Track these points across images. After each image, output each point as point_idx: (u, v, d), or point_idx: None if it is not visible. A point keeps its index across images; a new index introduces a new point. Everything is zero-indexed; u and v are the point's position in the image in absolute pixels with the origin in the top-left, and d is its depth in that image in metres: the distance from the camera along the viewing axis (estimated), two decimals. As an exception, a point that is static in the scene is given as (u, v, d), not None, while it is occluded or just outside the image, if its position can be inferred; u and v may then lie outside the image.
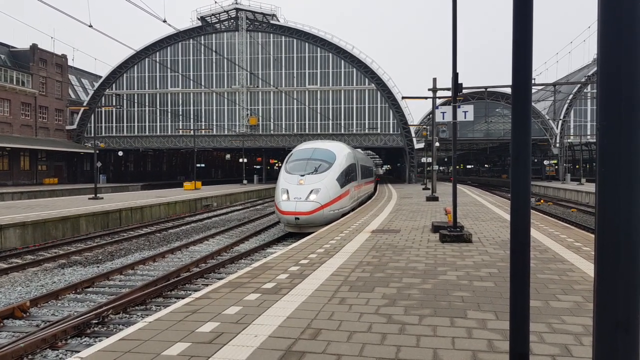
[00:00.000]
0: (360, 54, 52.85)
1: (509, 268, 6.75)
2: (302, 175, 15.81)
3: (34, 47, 50.67)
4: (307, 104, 53.53)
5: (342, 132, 52.45)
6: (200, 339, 4.16)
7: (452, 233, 9.65)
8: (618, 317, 1.49)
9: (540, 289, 5.78)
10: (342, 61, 53.32)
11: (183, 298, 5.73)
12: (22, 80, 48.59)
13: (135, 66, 55.44)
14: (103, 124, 55.59)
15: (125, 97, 54.94)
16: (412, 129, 52.04)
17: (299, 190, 15.20)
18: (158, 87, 55.36)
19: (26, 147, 45.57)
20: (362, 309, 5.04)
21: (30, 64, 49.95)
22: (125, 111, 55.30)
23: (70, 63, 56.21)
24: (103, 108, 52.92)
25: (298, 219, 14.65)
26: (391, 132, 53.18)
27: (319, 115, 53.22)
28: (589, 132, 56.35)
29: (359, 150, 35.93)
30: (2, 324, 7.41)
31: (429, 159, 37.49)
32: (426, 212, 16.74)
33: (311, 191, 15.05)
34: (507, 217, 14.71)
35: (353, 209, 18.90)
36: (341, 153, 17.68)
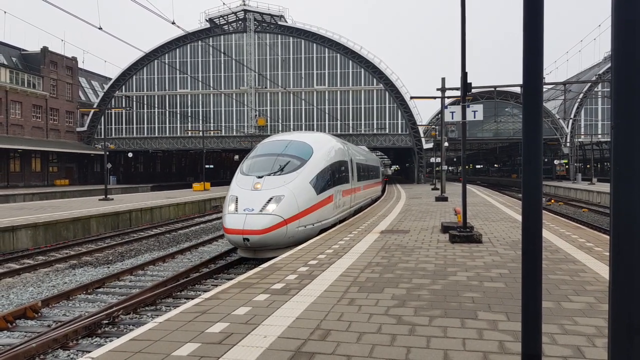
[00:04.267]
0: (369, 54, 52.82)
1: (519, 269, 6.67)
2: (259, 177, 11.30)
3: (44, 49, 51.17)
4: (315, 104, 53.57)
5: (351, 132, 52.40)
6: (210, 340, 4.17)
7: (462, 233, 9.59)
8: (633, 321, 1.47)
9: (551, 290, 5.73)
10: (350, 61, 53.29)
11: (193, 298, 5.75)
12: (33, 83, 49.09)
13: (145, 68, 55.82)
14: (113, 126, 56.02)
15: (134, 99, 55.32)
16: (421, 129, 51.88)
17: (252, 198, 10.76)
18: (167, 88, 55.70)
19: (37, 149, 46.03)
20: (372, 309, 5.02)
21: (41, 66, 50.45)
22: (134, 113, 55.69)
23: (80, 65, 56.71)
24: (113, 110, 53.39)
25: (248, 240, 10.11)
26: (400, 132, 53.05)
27: (327, 115, 53.23)
28: (599, 131, 55.81)
29: (363, 147, 31.25)
30: (14, 324, 7.48)
31: (438, 159, 37.35)
32: (435, 212, 16.66)
33: (270, 199, 10.61)
34: (518, 217, 14.60)
35: (343, 220, 14.81)
36: (323, 147, 13.16)
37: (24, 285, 10.26)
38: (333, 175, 13.11)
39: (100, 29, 15.14)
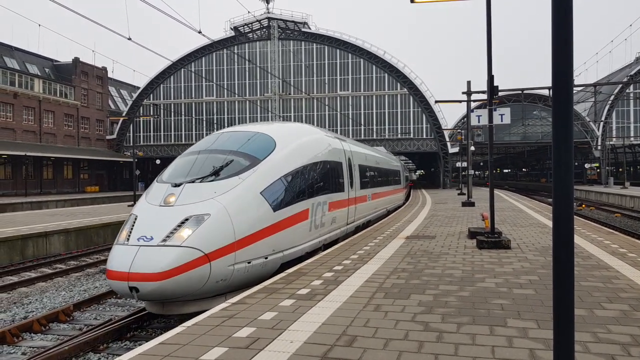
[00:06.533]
0: (392, 59, 52.65)
1: (550, 275, 6.54)
2: (176, 186, 7.51)
3: (76, 60, 52.73)
4: (339, 110, 53.64)
5: (375, 137, 52.24)
6: (237, 344, 4.20)
7: (490, 239, 9.43)
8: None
9: (584, 297, 5.58)
10: (374, 66, 53.22)
11: (220, 303, 5.80)
12: (65, 93, 50.60)
13: (172, 76, 56.92)
14: (141, 133, 57.23)
15: (162, 107, 56.43)
16: (446, 133, 51.35)
17: (157, 219, 6.99)
18: (193, 96, 56.64)
19: (69, 157, 47.35)
20: (398, 316, 4.98)
21: (72, 76, 51.98)
22: (162, 120, 56.78)
23: (110, 75, 58.21)
24: (141, 118, 54.56)
25: (137, 290, 6.24)
26: (424, 136, 52.62)
27: (351, 121, 53.22)
28: (632, 134, 54.23)
29: (380, 148, 27.63)
30: (48, 327, 7.69)
31: (464, 164, 36.89)
32: (462, 217, 16.44)
33: (184, 221, 6.80)
34: (547, 222, 14.29)
35: (336, 241, 11.37)
36: (293, 142, 9.42)
37: (57, 289, 10.54)
38: (311, 182, 9.30)
39: (129, 39, 15.51)
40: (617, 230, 17.49)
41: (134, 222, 7.03)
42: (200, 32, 15.89)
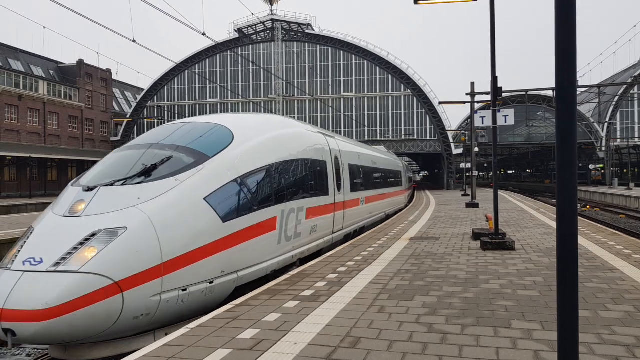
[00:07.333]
0: (396, 60, 52.70)
1: (554, 276, 6.51)
2: (88, 190, 5.87)
3: (80, 62, 53.00)
4: (342, 111, 53.68)
5: (379, 138, 52.23)
6: (241, 346, 4.21)
7: (494, 240, 9.41)
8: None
9: (588, 299, 5.56)
10: (377, 68, 53.25)
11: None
12: (69, 95, 50.87)
13: (176, 78, 57.14)
14: (145, 135, 57.39)
15: (166, 109, 56.62)
16: (450, 135, 51.30)
17: (55, 234, 5.35)
18: (197, 98, 56.83)
19: (74, 159, 47.55)
20: (402, 317, 4.98)
21: (77, 78, 52.26)
22: (166, 122, 56.91)
23: (114, 77, 58.50)
24: (145, 119, 54.76)
25: (12, 333, 4.54)
26: (428, 137, 52.59)
27: (354, 122, 53.24)
28: (636, 135, 54.00)
29: (380, 147, 25.64)
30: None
31: (468, 165, 36.83)
32: (466, 219, 16.41)
33: (90, 237, 5.14)
34: (552, 223, 14.25)
35: (318, 253, 9.88)
36: (258, 135, 7.85)
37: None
38: (281, 185, 7.82)
39: (134, 41, 15.59)
40: (622, 231, 17.41)
41: (27, 239, 5.36)
42: (204, 34, 15.94)
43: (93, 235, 5.14)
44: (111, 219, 5.35)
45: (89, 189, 5.86)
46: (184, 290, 5.58)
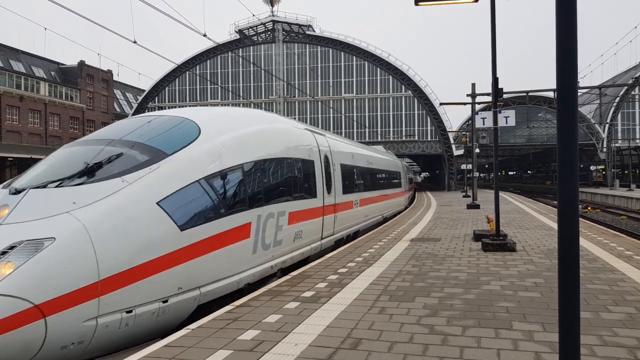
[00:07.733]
0: (396, 61, 52.74)
1: (555, 278, 6.52)
2: (15, 193, 5.03)
3: (81, 63, 53.09)
4: (343, 112, 53.71)
5: (379, 139, 52.24)
6: (241, 347, 4.21)
7: (495, 241, 9.40)
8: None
9: (589, 300, 5.55)
10: (378, 69, 53.28)
11: (224, 306, 5.78)
12: (70, 96, 50.95)
13: (177, 79, 57.21)
14: (146, 136, 57.43)
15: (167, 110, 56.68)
16: (451, 136, 51.30)
17: None
18: (198, 99, 56.88)
19: (75, 160, 47.59)
20: (403, 319, 4.97)
21: (78, 79, 52.36)
22: (167, 123, 56.96)
23: (115, 78, 58.60)
24: (146, 120, 54.75)
25: None
26: (429, 139, 52.59)
27: (355, 123, 53.26)
28: (637, 136, 53.96)
29: (378, 147, 25.01)
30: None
31: (469, 166, 36.82)
32: (467, 220, 16.39)
33: (7, 250, 4.26)
34: (553, 225, 14.23)
35: (304, 261, 9.03)
36: (230, 130, 6.96)
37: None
38: (257, 186, 6.99)
39: (134, 42, 15.60)
40: (623, 232, 17.39)
41: None
42: (205, 36, 15.95)
43: (12, 247, 4.27)
44: (37, 227, 4.50)
45: (17, 192, 5.03)
46: (128, 312, 4.72)
